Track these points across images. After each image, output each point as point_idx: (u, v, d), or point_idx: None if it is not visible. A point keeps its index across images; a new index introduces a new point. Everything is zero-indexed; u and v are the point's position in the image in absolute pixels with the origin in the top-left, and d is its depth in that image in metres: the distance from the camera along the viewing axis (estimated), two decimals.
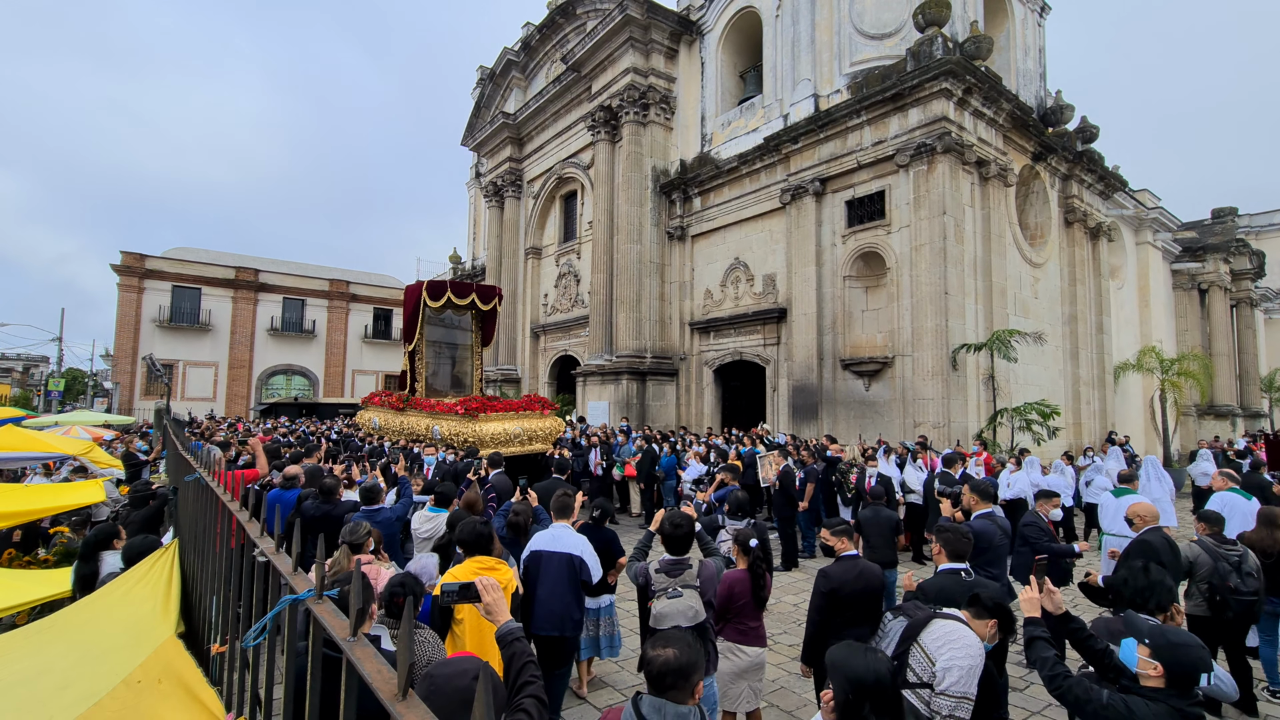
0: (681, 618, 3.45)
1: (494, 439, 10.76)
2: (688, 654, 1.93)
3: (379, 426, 13.28)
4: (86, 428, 14.87)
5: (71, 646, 2.51)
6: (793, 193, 14.35)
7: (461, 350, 14.55)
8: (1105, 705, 2.35)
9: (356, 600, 1.09)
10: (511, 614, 3.63)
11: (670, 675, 1.89)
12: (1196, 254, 23.51)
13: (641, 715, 1.87)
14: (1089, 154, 15.90)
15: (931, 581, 3.45)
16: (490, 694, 0.87)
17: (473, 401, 11.44)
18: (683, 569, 3.62)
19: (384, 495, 5.81)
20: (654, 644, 1.97)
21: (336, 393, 34.16)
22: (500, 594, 2.40)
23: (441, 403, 11.99)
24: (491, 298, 13.90)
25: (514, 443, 11.06)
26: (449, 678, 1.61)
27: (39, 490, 6.41)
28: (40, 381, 51.66)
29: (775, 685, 4.96)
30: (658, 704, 1.88)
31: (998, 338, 11.60)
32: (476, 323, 14.38)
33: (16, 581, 4.25)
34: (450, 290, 13.05)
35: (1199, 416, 22.49)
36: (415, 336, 13.04)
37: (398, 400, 13.13)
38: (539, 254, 24.27)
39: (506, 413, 11.47)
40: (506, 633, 2.22)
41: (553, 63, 22.36)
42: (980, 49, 12.36)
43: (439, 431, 11.10)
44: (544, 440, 11.72)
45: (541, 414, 12.05)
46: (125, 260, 29.74)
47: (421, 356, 13.36)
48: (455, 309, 13.66)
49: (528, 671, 2.07)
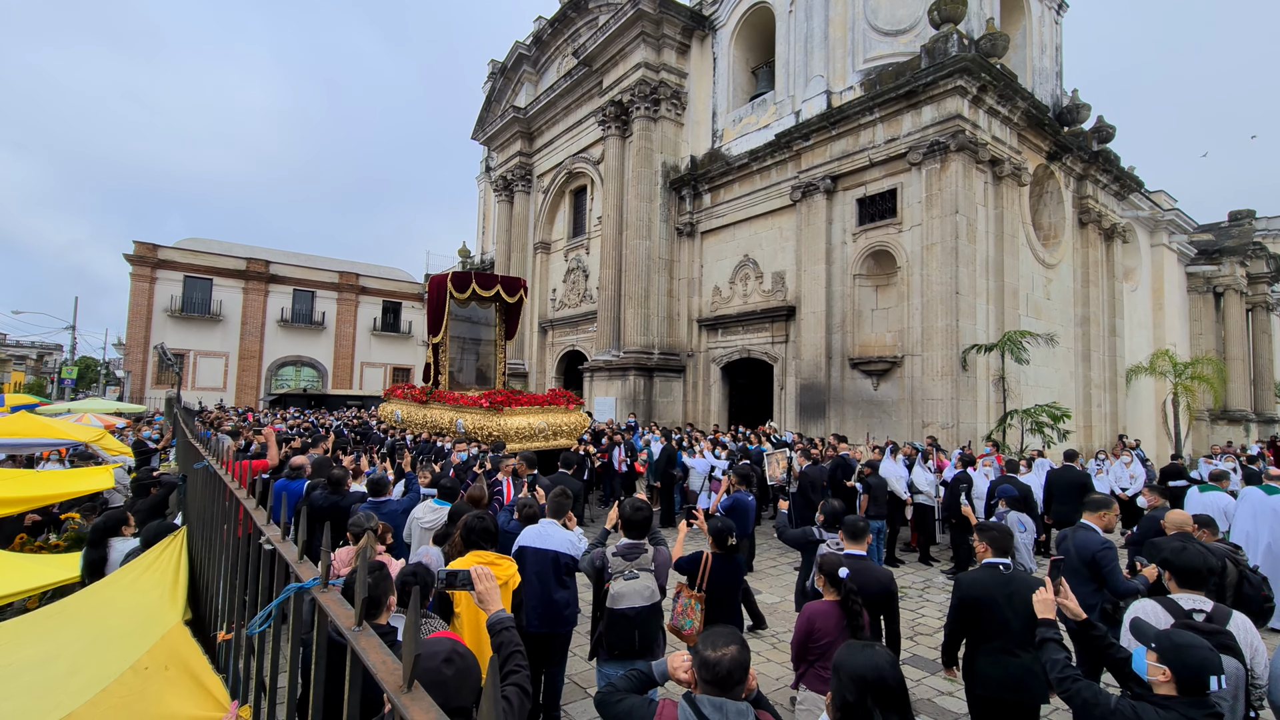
0: (638, 597, 3.60)
1: (518, 433, 10.59)
2: (747, 650, 1.96)
3: (401, 419, 13.15)
4: (98, 415, 15.05)
5: (81, 632, 2.52)
6: (803, 190, 14.26)
7: (485, 344, 14.31)
8: (1112, 711, 2.30)
9: (362, 589, 1.08)
10: (514, 611, 3.64)
11: (738, 672, 1.91)
12: (1212, 257, 23.20)
13: (703, 714, 1.87)
14: (1104, 154, 15.70)
15: (972, 574, 3.54)
16: (495, 685, 0.85)
17: (497, 395, 11.22)
18: (639, 552, 3.74)
19: (391, 488, 5.84)
20: (712, 644, 1.95)
21: (345, 385, 34.35)
22: (494, 583, 2.42)
23: (465, 396, 11.79)
24: (517, 290, 13.54)
25: (538, 438, 10.85)
26: (420, 658, 1.64)
27: (50, 476, 6.48)
28: (54, 369, 52.29)
29: (779, 685, 4.94)
30: (718, 702, 1.89)
31: (1009, 339, 11.49)
32: (500, 315, 14.09)
33: (28, 566, 4.29)
34: (475, 281, 12.73)
35: (1211, 421, 22.24)
36: (440, 329, 12.74)
37: (421, 393, 12.96)
38: (548, 249, 24.27)
39: (531, 407, 11.23)
40: (495, 621, 2.26)
41: (564, 57, 22.31)
42: (996, 46, 12.22)
43: (463, 425, 10.93)
44: (569, 436, 11.43)
45: (567, 409, 11.81)
46: (138, 250, 29.98)
47: (445, 349, 13.11)
48: (480, 301, 13.38)
49: (513, 660, 2.10)
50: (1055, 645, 2.68)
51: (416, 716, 0.81)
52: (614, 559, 3.74)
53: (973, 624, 3.45)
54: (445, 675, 1.60)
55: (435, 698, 1.56)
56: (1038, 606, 2.84)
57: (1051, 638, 2.71)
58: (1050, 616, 2.79)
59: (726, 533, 4.10)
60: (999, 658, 3.30)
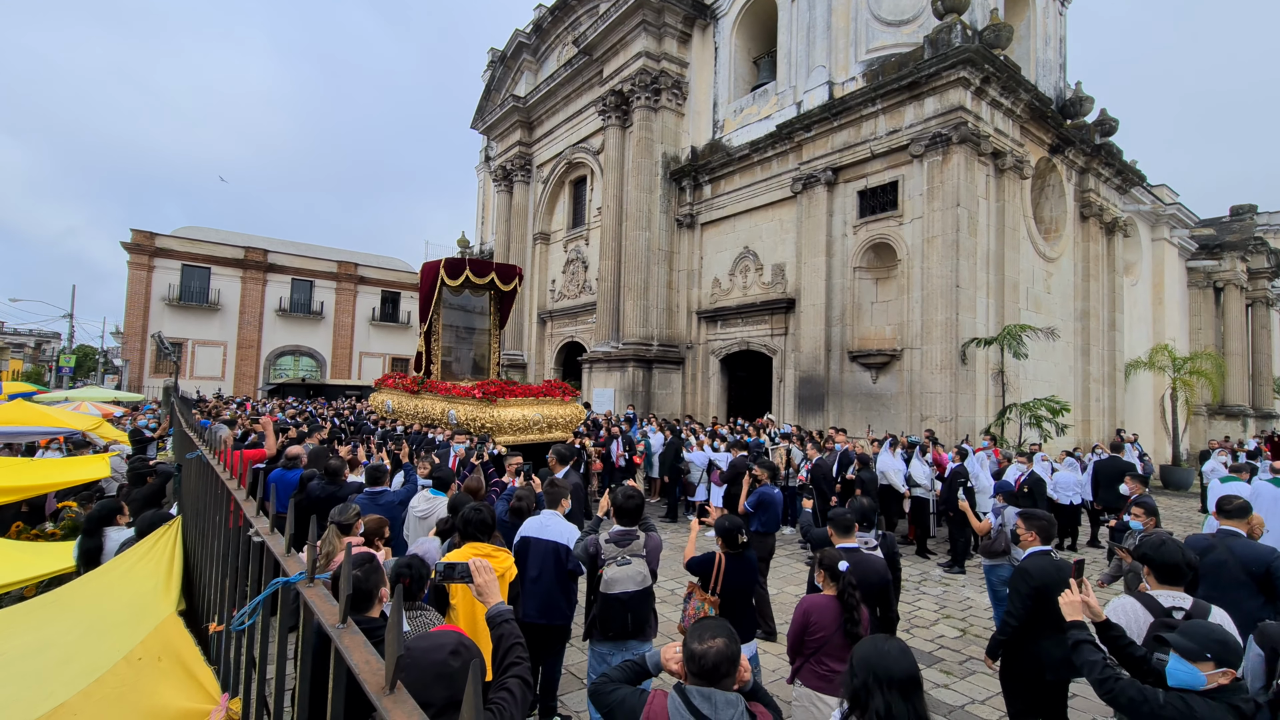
0: (630, 582, 3.68)
1: (512, 425, 10.38)
2: (735, 642, 1.96)
3: (392, 409, 12.90)
4: (96, 404, 15.02)
5: (75, 621, 2.52)
6: (804, 182, 14.18)
7: (479, 333, 14.02)
8: (1163, 705, 2.28)
9: (346, 585, 1.06)
10: (511, 602, 3.63)
11: (724, 664, 1.92)
12: (1213, 251, 23.14)
13: (692, 705, 1.88)
14: (1107, 147, 15.61)
15: (1035, 563, 3.58)
16: (478, 680, 0.84)
17: (491, 385, 10.97)
18: (631, 539, 3.80)
19: (389, 478, 5.81)
20: (699, 636, 1.96)
21: (344, 375, 34.31)
22: (493, 576, 2.41)
23: (458, 386, 11.55)
24: (512, 278, 13.26)
25: (533, 430, 10.60)
26: (425, 651, 1.64)
27: (47, 465, 6.47)
28: (52, 357, 52.22)
29: (776, 675, 4.95)
30: (707, 693, 1.90)
31: (1009, 333, 11.47)
32: (495, 304, 13.83)
33: (24, 555, 4.29)
34: (469, 269, 12.48)
35: (1209, 416, 22.27)
36: (431, 316, 12.47)
37: (412, 383, 12.70)
38: (547, 240, 24.17)
39: (525, 398, 10.98)
40: (496, 614, 2.25)
41: (564, 45, 22.12)
42: (1000, 38, 12.11)
43: (455, 416, 10.78)
44: (564, 428, 11.17)
45: (562, 400, 11.58)
46: (135, 238, 29.83)
47: (437, 337, 12.84)
48: (473, 289, 13.10)
49: (514, 653, 2.10)
50: (1090, 646, 2.66)
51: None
52: (606, 545, 3.80)
53: (1038, 611, 3.47)
54: (453, 668, 1.62)
55: (442, 690, 1.57)
56: (1065, 609, 2.81)
57: (1084, 639, 2.69)
58: (1079, 618, 2.78)
59: (735, 531, 3.99)
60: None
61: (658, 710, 1.93)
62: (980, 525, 5.75)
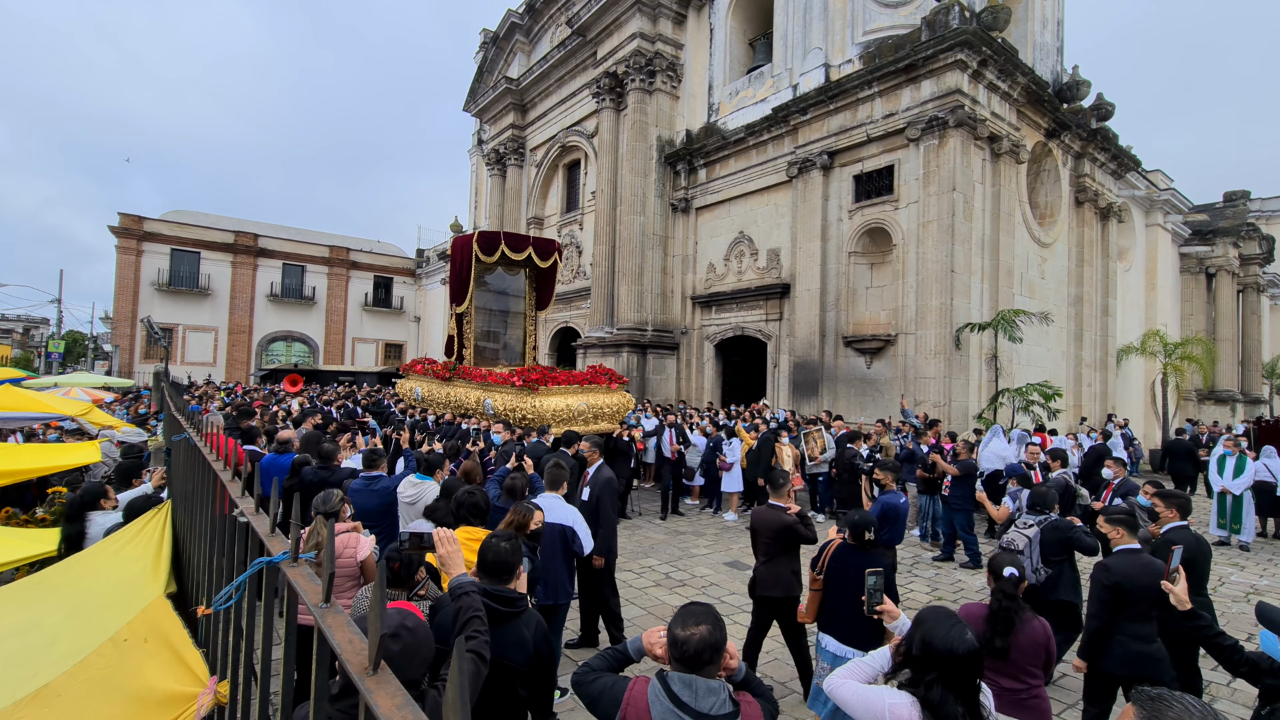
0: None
1: (555, 416, 9.54)
2: (720, 630, 1.93)
3: (422, 397, 12.05)
4: (86, 389, 14.90)
5: (62, 603, 2.49)
6: (800, 166, 14.09)
7: (514, 315, 12.97)
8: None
9: (329, 565, 1.03)
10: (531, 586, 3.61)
11: (707, 652, 1.88)
12: (1206, 237, 23.20)
13: (672, 692, 1.85)
14: (1103, 132, 15.56)
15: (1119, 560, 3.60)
16: (461, 678, 0.81)
17: (532, 372, 10.09)
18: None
19: (384, 462, 5.76)
20: (683, 623, 1.93)
21: (337, 360, 34.15)
22: (457, 546, 2.42)
23: (494, 373, 10.61)
24: (551, 253, 12.09)
25: (577, 420, 9.81)
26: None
27: (36, 450, 6.40)
28: (41, 343, 51.69)
29: (770, 657, 4.98)
30: (688, 679, 1.86)
31: (1003, 318, 11.48)
32: (532, 282, 12.73)
33: (13, 539, 4.25)
34: (504, 243, 11.39)
35: (1199, 401, 22.45)
36: (465, 296, 11.35)
37: (444, 369, 11.81)
38: (541, 224, 23.98)
39: (570, 386, 10.18)
40: (456, 585, 2.26)
41: (558, 26, 21.79)
42: (998, 20, 11.99)
43: (492, 406, 9.96)
44: (610, 419, 10.34)
45: (609, 388, 10.78)
46: (123, 222, 29.46)
47: (470, 319, 11.79)
48: (508, 265, 12.00)
49: (471, 626, 2.10)
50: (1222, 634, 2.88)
51: (381, 702, 0.77)
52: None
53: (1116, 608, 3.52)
54: (390, 651, 1.61)
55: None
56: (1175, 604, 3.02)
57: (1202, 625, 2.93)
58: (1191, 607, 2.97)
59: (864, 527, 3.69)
60: (1142, 641, 3.44)
61: (638, 696, 1.91)
62: (998, 512, 5.63)
